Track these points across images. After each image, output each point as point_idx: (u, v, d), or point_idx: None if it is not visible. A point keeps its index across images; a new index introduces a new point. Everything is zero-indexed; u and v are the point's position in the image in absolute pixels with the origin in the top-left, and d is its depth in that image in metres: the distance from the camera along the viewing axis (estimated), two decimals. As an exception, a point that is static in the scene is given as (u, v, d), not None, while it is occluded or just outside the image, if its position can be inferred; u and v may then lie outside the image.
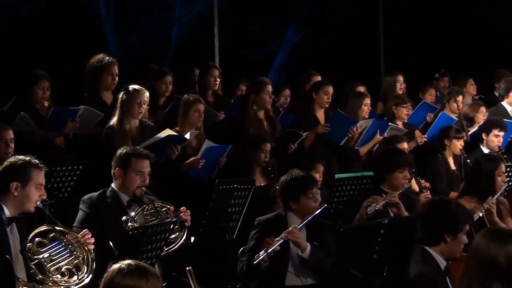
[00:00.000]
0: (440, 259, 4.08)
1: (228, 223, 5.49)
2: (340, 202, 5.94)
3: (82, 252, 3.98)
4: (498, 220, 5.50)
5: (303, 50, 11.57)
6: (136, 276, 3.18)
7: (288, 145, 6.70)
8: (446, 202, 4.23)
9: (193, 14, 10.93)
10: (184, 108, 6.33)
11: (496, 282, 3.26)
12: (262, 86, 6.84)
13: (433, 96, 8.64)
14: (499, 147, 7.30)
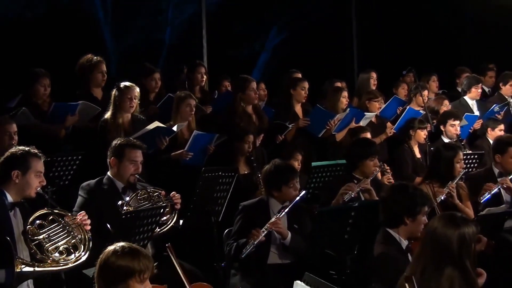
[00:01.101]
0: (402, 239, 4.08)
1: (214, 207, 5.48)
2: (316, 187, 5.95)
3: (79, 233, 3.98)
4: (459, 202, 5.53)
5: (285, 50, 11.55)
6: (129, 257, 3.20)
7: (276, 136, 6.72)
8: (405, 187, 4.21)
9: (183, 17, 10.89)
10: (177, 104, 6.33)
11: (449, 266, 3.27)
12: (247, 84, 6.87)
13: (405, 91, 8.67)
14: (458, 136, 7.33)
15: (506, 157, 5.87)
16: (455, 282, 3.23)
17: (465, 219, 3.46)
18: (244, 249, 4.73)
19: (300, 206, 5.11)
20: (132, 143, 4.93)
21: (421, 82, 8.40)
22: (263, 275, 4.78)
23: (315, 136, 7.02)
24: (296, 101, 7.20)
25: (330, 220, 4.69)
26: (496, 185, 5.70)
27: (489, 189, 5.68)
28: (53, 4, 9.68)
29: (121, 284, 3.18)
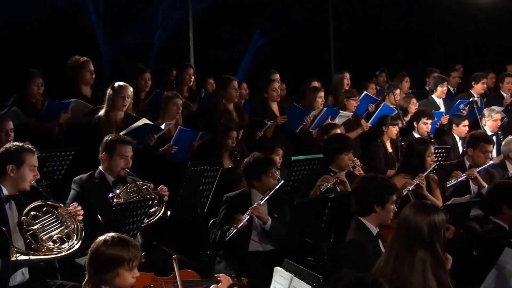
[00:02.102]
0: (372, 227, 4.10)
1: (200, 199, 5.47)
2: (295, 180, 5.93)
3: (72, 223, 3.93)
4: (427, 193, 5.55)
5: (266, 52, 11.57)
6: (119, 246, 3.20)
7: (255, 132, 6.70)
8: (374, 178, 4.24)
9: (172, 21, 10.87)
10: (165, 103, 6.30)
11: (421, 249, 3.31)
12: (228, 82, 6.89)
13: (374, 90, 8.68)
14: (428, 133, 7.38)
15: (477, 152, 5.94)
16: (427, 263, 3.27)
17: (435, 207, 3.53)
18: (227, 232, 4.70)
19: (280, 197, 5.11)
20: (123, 139, 4.89)
21: (393, 82, 8.41)
22: (245, 262, 4.74)
23: (293, 132, 7.00)
24: (271, 101, 7.22)
25: (308, 210, 4.67)
26: (464, 174, 5.74)
27: (456, 176, 5.73)
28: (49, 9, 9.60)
29: (111, 272, 3.18)
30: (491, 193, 4.74)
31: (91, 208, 4.41)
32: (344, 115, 7.33)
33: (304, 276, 3.24)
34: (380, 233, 4.10)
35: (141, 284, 3.59)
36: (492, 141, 6.11)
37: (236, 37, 11.46)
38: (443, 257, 3.35)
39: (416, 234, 3.33)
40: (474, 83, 8.75)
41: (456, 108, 8.02)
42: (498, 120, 7.71)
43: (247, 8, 11.00)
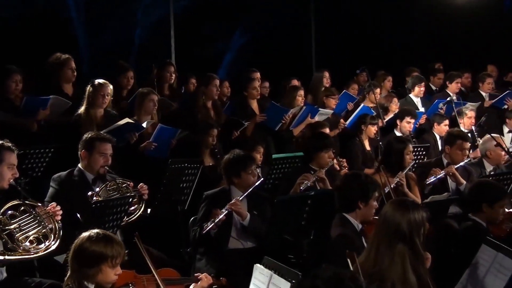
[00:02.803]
0: (356, 223, 4.16)
1: (180, 197, 5.48)
2: (276, 178, 5.96)
3: (50, 223, 3.89)
4: (407, 191, 5.61)
5: (248, 50, 11.56)
6: (103, 243, 3.20)
7: (232, 132, 6.70)
8: (358, 175, 4.31)
9: (153, 19, 10.80)
10: (140, 99, 6.27)
11: (400, 243, 3.36)
12: (210, 80, 6.92)
13: (355, 90, 8.74)
14: (410, 132, 7.45)
15: (454, 149, 5.99)
16: (406, 257, 3.33)
17: (416, 204, 3.60)
18: (205, 226, 4.72)
19: (260, 194, 5.13)
20: (102, 137, 4.89)
21: (374, 81, 8.48)
22: (225, 259, 4.76)
23: (273, 130, 7.02)
24: (251, 99, 7.24)
25: (288, 208, 4.70)
26: (443, 171, 5.80)
27: (435, 173, 5.79)
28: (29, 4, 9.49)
29: (94, 268, 3.19)
30: (472, 191, 4.80)
31: (70, 206, 4.39)
32: (324, 113, 7.37)
33: (283, 273, 3.25)
34: (363, 229, 4.16)
35: (122, 282, 3.58)
36: (468, 139, 6.18)
37: (217, 35, 11.44)
38: (423, 253, 3.41)
39: (396, 230, 3.39)
40: (449, 82, 8.87)
41: (434, 107, 8.11)
42: (473, 117, 7.82)
43: (229, 6, 10.99)
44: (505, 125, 8.40)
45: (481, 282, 3.52)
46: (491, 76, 9.41)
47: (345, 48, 11.07)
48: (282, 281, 3.20)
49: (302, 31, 11.46)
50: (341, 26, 11.35)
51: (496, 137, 6.22)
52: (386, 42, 11.43)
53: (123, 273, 3.37)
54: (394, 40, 11.42)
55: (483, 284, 3.51)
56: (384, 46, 11.36)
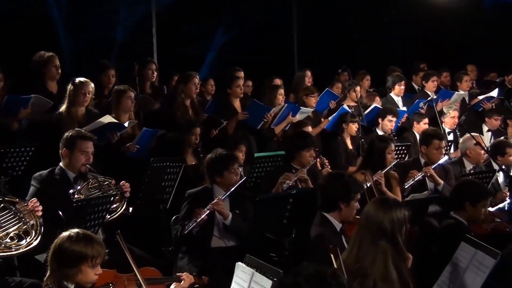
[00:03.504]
0: (336, 222, 4.17)
1: (162, 196, 5.46)
2: (258, 176, 5.97)
3: (31, 219, 3.86)
4: (386, 190, 5.63)
5: (231, 49, 11.55)
6: (83, 242, 3.18)
7: (210, 130, 6.69)
8: (341, 176, 4.30)
9: (134, 17, 10.76)
10: (117, 97, 6.22)
11: (382, 240, 3.39)
12: (190, 78, 6.86)
13: (339, 89, 8.76)
14: (391, 130, 7.49)
15: (430, 149, 6.02)
16: (388, 254, 3.36)
17: (398, 202, 3.61)
18: (186, 226, 4.72)
19: (242, 193, 5.13)
20: (83, 135, 4.86)
21: (354, 80, 8.51)
22: (207, 258, 4.76)
23: (255, 129, 7.03)
24: (234, 97, 7.23)
25: (270, 206, 4.70)
26: (420, 173, 5.84)
27: (413, 176, 5.83)
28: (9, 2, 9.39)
29: (73, 268, 3.17)
30: (456, 189, 4.84)
31: (51, 204, 4.35)
32: (305, 111, 7.39)
33: (265, 271, 3.26)
34: (343, 229, 4.17)
35: (103, 281, 3.56)
36: (443, 137, 6.22)
37: (200, 33, 11.42)
38: (404, 251, 3.44)
39: (378, 227, 3.41)
40: (425, 82, 8.94)
41: (415, 107, 8.17)
42: (456, 117, 7.89)
43: (211, 4, 10.98)
44: (484, 124, 8.50)
45: (460, 279, 3.55)
46: (468, 74, 9.50)
47: (327, 48, 11.12)
48: (264, 279, 3.20)
49: (285, 30, 11.48)
50: (324, 25, 11.39)
51: (476, 136, 6.28)
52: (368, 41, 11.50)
53: (103, 272, 3.35)
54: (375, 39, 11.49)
55: (462, 281, 3.54)
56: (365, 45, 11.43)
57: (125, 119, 6.15)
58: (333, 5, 11.27)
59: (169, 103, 6.95)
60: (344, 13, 11.34)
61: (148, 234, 5.44)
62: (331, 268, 2.00)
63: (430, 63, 10.18)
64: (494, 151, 6.48)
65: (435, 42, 11.69)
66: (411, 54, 10.81)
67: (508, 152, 6.42)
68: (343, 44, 11.18)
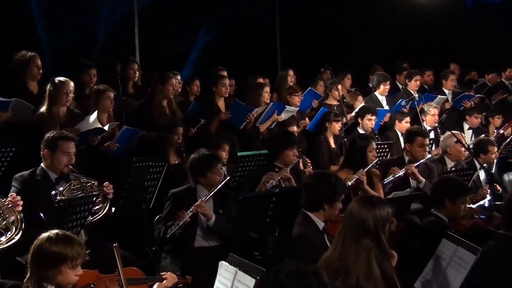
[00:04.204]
0: (319, 221, 4.17)
1: (145, 195, 5.45)
2: (241, 175, 5.97)
3: (11, 214, 3.82)
4: (368, 188, 5.64)
5: (214, 48, 11.54)
6: (63, 243, 3.16)
7: (189, 129, 6.68)
8: (327, 176, 4.28)
9: (117, 16, 10.70)
10: (96, 97, 6.20)
11: (366, 238, 3.41)
12: (167, 79, 6.81)
13: (322, 87, 8.79)
14: (372, 129, 7.53)
15: (414, 146, 6.07)
16: (371, 252, 3.38)
17: (381, 200, 3.61)
18: (169, 229, 4.71)
19: (226, 193, 5.13)
20: (65, 136, 4.83)
21: (336, 79, 8.55)
22: (190, 258, 4.75)
23: (238, 129, 7.03)
24: (218, 97, 7.22)
25: (253, 205, 4.72)
26: (401, 170, 5.88)
27: (393, 172, 5.88)
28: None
29: (53, 269, 3.15)
30: (436, 187, 4.88)
31: (33, 205, 4.33)
32: (290, 110, 7.40)
33: (248, 269, 3.28)
34: (325, 228, 4.18)
35: (84, 282, 3.54)
36: (427, 135, 6.28)
37: (182, 32, 11.39)
38: (388, 249, 3.45)
39: (362, 225, 3.42)
40: (408, 81, 9.00)
41: (398, 106, 8.22)
42: (436, 115, 7.96)
43: (194, 3, 10.96)
44: (465, 122, 8.58)
45: (442, 275, 3.60)
46: (454, 73, 9.59)
47: (310, 47, 11.14)
48: (247, 278, 3.22)
49: (267, 29, 11.49)
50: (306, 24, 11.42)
51: (456, 134, 6.33)
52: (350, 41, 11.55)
53: (85, 273, 3.35)
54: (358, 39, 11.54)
55: (444, 277, 3.58)
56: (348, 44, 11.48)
57: (104, 119, 6.14)
58: (316, 4, 11.30)
59: (147, 103, 6.90)
60: (326, 12, 11.37)
61: (131, 234, 5.43)
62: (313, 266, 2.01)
63: (412, 62, 10.25)
64: (476, 149, 6.54)
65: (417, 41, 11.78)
66: (393, 54, 10.87)
67: (491, 150, 6.49)
68: (326, 43, 11.22)
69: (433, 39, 11.88)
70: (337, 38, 11.43)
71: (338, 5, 11.30)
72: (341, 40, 11.47)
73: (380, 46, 11.54)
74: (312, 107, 8.03)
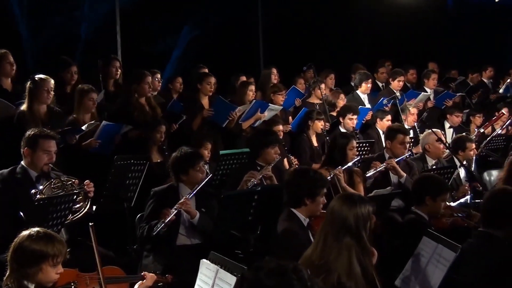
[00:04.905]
0: (303, 217, 4.20)
1: (126, 194, 5.42)
2: (224, 174, 5.96)
3: None
4: (345, 185, 5.68)
5: (196, 46, 11.51)
6: (43, 241, 3.13)
7: (171, 125, 6.65)
8: (306, 171, 4.33)
9: (99, 14, 10.62)
10: (79, 97, 6.16)
11: (347, 236, 3.42)
12: (142, 77, 6.74)
13: (303, 85, 8.80)
14: (354, 128, 7.57)
15: (395, 143, 6.11)
16: (352, 250, 3.38)
17: (363, 198, 3.62)
18: (155, 227, 4.68)
19: (208, 191, 5.12)
20: (46, 134, 4.78)
21: (319, 77, 8.56)
22: (173, 256, 4.74)
23: (221, 126, 7.02)
24: (203, 94, 7.19)
25: (235, 203, 4.72)
26: (383, 164, 5.91)
27: (375, 167, 5.89)
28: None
29: (34, 267, 3.13)
30: (416, 184, 4.91)
31: (12, 204, 4.30)
32: (274, 109, 7.40)
33: (229, 267, 3.27)
34: (310, 223, 4.20)
35: (64, 280, 3.51)
36: (407, 132, 6.33)
37: (165, 30, 11.35)
38: (369, 246, 3.47)
39: (343, 223, 3.43)
40: (391, 80, 9.05)
41: (380, 104, 8.27)
42: (415, 114, 8.02)
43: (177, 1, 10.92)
44: (446, 121, 8.65)
45: (422, 272, 3.62)
46: (435, 72, 9.66)
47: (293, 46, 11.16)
48: (228, 276, 3.21)
49: (250, 28, 11.49)
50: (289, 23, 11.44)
51: (436, 132, 6.38)
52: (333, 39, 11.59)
53: (65, 272, 3.32)
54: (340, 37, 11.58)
55: (424, 274, 3.61)
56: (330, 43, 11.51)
57: (86, 118, 6.11)
58: (299, 3, 11.32)
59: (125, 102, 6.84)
60: (309, 11, 11.40)
61: (112, 233, 5.39)
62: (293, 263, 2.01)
63: (394, 61, 10.30)
64: (455, 146, 6.60)
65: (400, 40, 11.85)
66: (376, 52, 10.92)
67: (469, 146, 6.55)
68: (308, 42, 11.24)
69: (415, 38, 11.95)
70: (319, 37, 11.46)
71: (321, 4, 11.33)
72: (324, 39, 11.51)
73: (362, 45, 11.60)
74: (295, 105, 8.03)
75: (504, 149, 7.53)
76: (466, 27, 12.71)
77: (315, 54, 10.40)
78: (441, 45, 12.25)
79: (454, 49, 12.50)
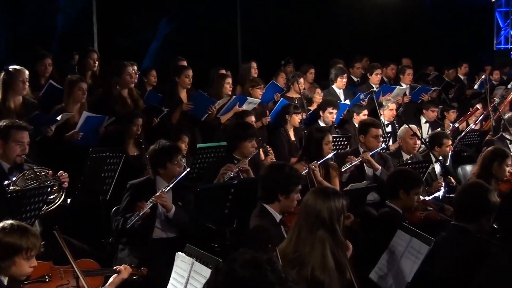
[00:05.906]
0: (276, 213, 4.18)
1: (102, 186, 5.38)
2: (201, 167, 5.95)
3: None
4: (321, 179, 5.68)
5: (174, 39, 11.46)
6: (17, 234, 3.10)
7: (152, 119, 6.61)
8: (282, 167, 4.28)
9: (75, 5, 10.51)
10: (69, 87, 6.09)
11: (321, 230, 3.44)
12: (123, 68, 6.68)
13: (284, 79, 8.78)
14: (333, 122, 7.59)
15: (368, 137, 6.14)
16: (326, 243, 3.41)
17: (336, 192, 3.63)
18: (129, 220, 4.66)
19: (185, 185, 5.10)
20: (18, 125, 4.72)
21: (298, 72, 8.56)
22: (148, 249, 4.71)
23: (199, 120, 6.98)
24: (181, 87, 7.14)
25: (211, 197, 4.72)
26: (358, 158, 5.95)
27: (350, 161, 5.93)
28: None
29: (7, 261, 3.10)
30: (391, 178, 4.94)
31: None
32: (252, 102, 7.39)
33: (205, 260, 3.27)
34: (283, 219, 4.18)
35: (38, 273, 3.48)
36: (380, 126, 6.36)
37: (142, 23, 11.26)
38: (343, 240, 3.49)
39: (317, 217, 3.45)
40: (369, 74, 9.10)
41: (356, 99, 8.30)
42: (394, 109, 8.07)
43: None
44: (422, 116, 8.72)
45: (397, 265, 3.66)
46: (411, 67, 9.72)
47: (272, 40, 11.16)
48: (203, 268, 3.21)
49: (229, 21, 11.46)
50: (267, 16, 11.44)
51: (412, 127, 6.43)
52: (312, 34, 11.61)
53: (39, 265, 3.29)
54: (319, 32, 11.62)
55: (398, 267, 3.65)
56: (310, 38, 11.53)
57: (75, 109, 6.05)
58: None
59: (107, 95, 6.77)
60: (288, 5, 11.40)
61: (87, 226, 5.36)
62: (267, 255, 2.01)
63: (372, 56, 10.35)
64: (431, 142, 6.66)
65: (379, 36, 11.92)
66: (355, 48, 10.97)
67: (445, 142, 6.61)
68: (287, 36, 11.25)
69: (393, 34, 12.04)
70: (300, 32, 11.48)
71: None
72: (304, 34, 11.53)
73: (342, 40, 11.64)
74: (274, 100, 8.02)
75: (478, 144, 7.62)
76: (442, 24, 12.84)
77: (296, 49, 10.40)
78: (418, 42, 12.35)
79: (431, 46, 12.61)
